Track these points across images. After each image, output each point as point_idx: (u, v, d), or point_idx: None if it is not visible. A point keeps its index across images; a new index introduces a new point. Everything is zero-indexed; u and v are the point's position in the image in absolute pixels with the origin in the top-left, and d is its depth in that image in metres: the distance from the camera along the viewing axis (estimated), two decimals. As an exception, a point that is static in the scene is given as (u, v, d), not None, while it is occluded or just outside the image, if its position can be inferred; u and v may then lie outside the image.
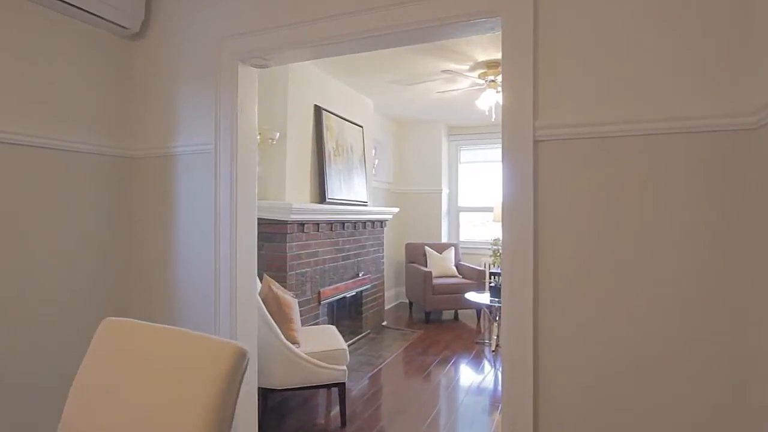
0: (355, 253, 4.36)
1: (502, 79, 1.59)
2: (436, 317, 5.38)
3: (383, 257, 5.04)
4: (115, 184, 2.37)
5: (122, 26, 2.28)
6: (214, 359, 0.92)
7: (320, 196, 3.87)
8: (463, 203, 6.59)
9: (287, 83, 3.50)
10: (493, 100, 3.83)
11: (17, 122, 1.94)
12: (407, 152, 6.40)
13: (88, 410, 1.01)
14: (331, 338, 2.77)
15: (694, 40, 1.36)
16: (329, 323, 4.10)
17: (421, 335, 4.65)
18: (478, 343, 4.41)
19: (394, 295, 6.14)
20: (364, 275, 4.51)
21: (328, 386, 2.59)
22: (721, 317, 1.32)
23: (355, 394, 3.17)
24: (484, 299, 4.29)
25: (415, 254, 5.69)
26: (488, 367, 3.83)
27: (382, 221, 4.92)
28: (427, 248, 5.67)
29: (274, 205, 3.31)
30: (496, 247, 5.12)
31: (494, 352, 4.13)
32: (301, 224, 3.46)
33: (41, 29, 2.02)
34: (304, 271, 3.52)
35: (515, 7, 1.56)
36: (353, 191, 4.35)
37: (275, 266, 3.35)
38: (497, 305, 4.11)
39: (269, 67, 2.21)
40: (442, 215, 6.29)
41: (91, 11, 2.09)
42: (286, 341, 2.49)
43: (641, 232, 1.41)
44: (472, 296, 4.44)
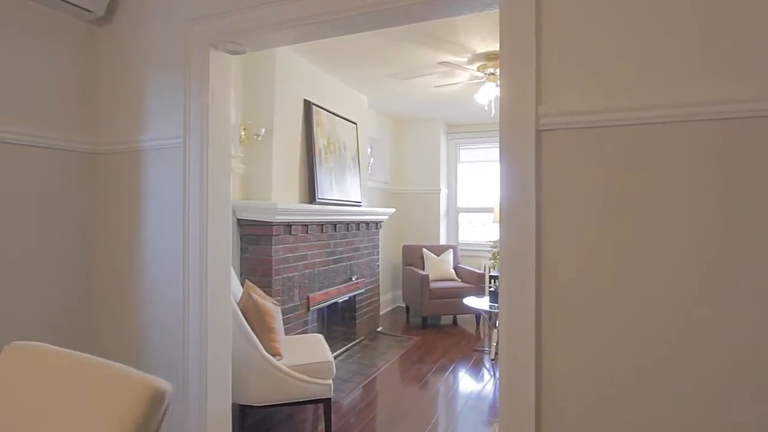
0: (347, 256, 4.15)
1: (500, 60, 1.38)
2: (433, 322, 5.16)
3: (378, 260, 4.83)
4: (78, 182, 2.17)
5: (86, 9, 2.08)
6: (125, 402, 0.72)
7: (310, 196, 3.66)
8: (462, 204, 6.38)
9: (274, 76, 3.30)
10: (492, 93, 3.61)
11: (-42, 112, 1.74)
12: (404, 151, 6.19)
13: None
14: (317, 349, 2.56)
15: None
16: (319, 331, 3.90)
17: (417, 342, 4.43)
18: (477, 350, 4.19)
19: (390, 299, 5.93)
20: (357, 279, 4.30)
21: (312, 402, 2.38)
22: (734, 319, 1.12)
23: (346, 405, 2.96)
24: (483, 304, 4.08)
25: (412, 257, 5.48)
26: (487, 376, 3.62)
27: (377, 222, 4.72)
28: (424, 250, 5.46)
29: (258, 205, 3.10)
30: (496, 249, 4.92)
31: (494, 360, 3.92)
32: (288, 226, 3.25)
33: (-11, 10, 1.83)
34: (291, 275, 3.31)
35: (515, -24, 1.35)
36: (346, 191, 4.14)
37: (260, 270, 3.15)
38: (497, 311, 3.90)
39: (244, 52, 2.01)
40: (440, 216, 6.08)
41: (47, -9, 1.90)
42: (265, 353, 2.29)
43: (662, 228, 1.20)
44: (470, 301, 4.23)
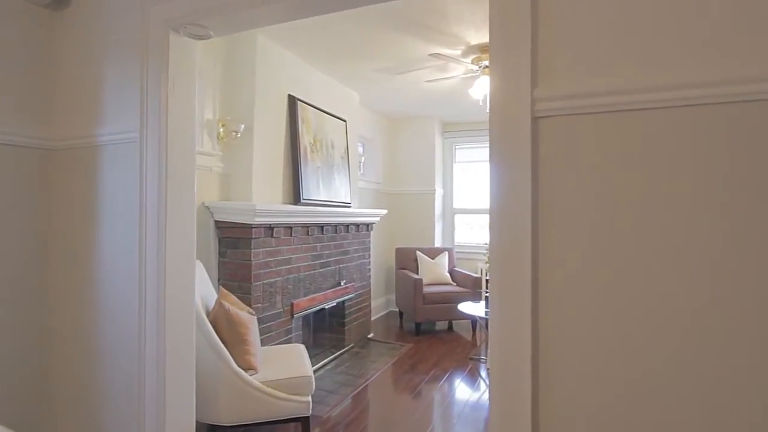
0: (336, 259, 3.95)
1: (490, 34, 1.18)
2: (428, 328, 4.96)
3: (370, 263, 4.63)
4: (30, 182, 1.96)
5: (37, -10, 1.89)
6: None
7: (294, 196, 3.46)
8: (458, 205, 6.18)
9: (254, 69, 3.10)
10: (487, 88, 3.41)
11: None
12: (398, 150, 6.00)
13: None
14: (295, 362, 2.36)
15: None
16: (305, 339, 3.69)
17: (409, 350, 4.23)
18: (472, 359, 3.99)
19: (384, 303, 5.73)
20: (346, 284, 4.10)
21: (288, 421, 2.18)
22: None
23: (332, 419, 2.76)
24: (479, 310, 3.88)
25: (405, 260, 5.28)
26: (483, 386, 3.42)
27: (368, 224, 4.52)
28: (418, 253, 5.26)
29: (236, 206, 2.90)
30: (491, 253, 4.72)
31: (490, 369, 3.71)
32: (269, 228, 3.05)
33: None
34: (273, 280, 3.11)
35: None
36: (334, 191, 3.95)
37: (239, 276, 2.95)
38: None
39: (209, 37, 1.81)
40: (435, 217, 5.88)
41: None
42: (236, 368, 2.09)
43: (676, 223, 1.01)
44: (465, 307, 4.03)
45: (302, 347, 2.64)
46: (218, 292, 2.59)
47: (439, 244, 5.93)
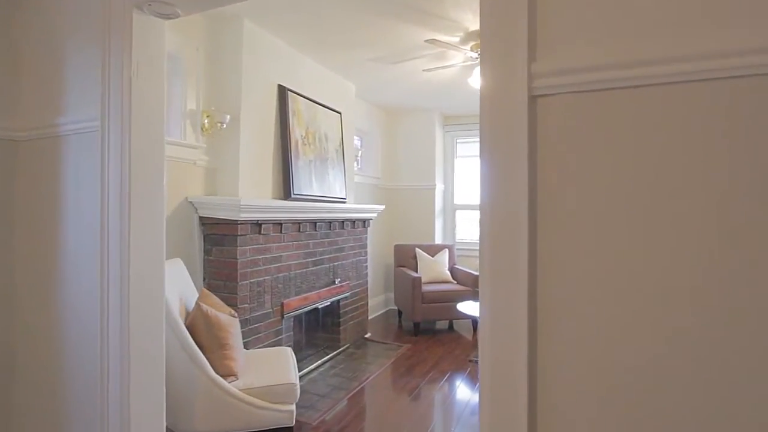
0: (330, 257, 3.80)
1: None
2: (427, 327, 4.81)
3: (367, 261, 4.48)
4: (-13, 173, 1.82)
5: (-7, -33, 1.74)
6: None
7: (285, 191, 3.31)
8: (459, 200, 6.01)
9: (240, 56, 2.94)
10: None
11: None
12: (397, 144, 5.82)
13: None
14: (280, 368, 2.21)
15: None
16: (296, 340, 3.55)
17: (407, 350, 4.08)
18: (472, 361, 3.83)
19: (383, 301, 5.58)
20: (341, 282, 3.95)
21: (272, 431, 2.04)
22: None
23: (323, 427, 2.61)
24: (479, 310, 3.71)
25: (404, 257, 5.12)
26: (482, 390, 3.26)
27: (364, 220, 4.36)
28: (418, 250, 5.10)
29: (220, 201, 2.76)
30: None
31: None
32: (257, 224, 2.90)
33: None
34: (261, 279, 2.96)
35: None
36: (328, 186, 3.79)
37: (224, 274, 2.80)
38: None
39: (177, 16, 1.65)
40: (435, 214, 5.71)
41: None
42: (213, 375, 1.94)
43: (709, 222, 0.84)
44: (465, 307, 3.87)
45: (289, 351, 2.50)
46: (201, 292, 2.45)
47: (439, 240, 5.77)
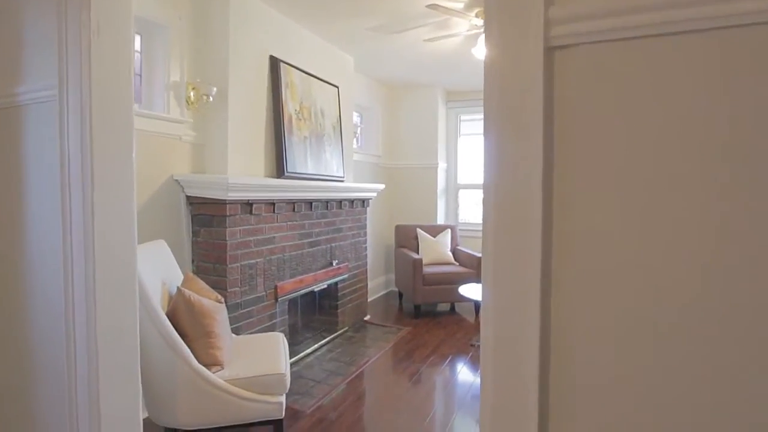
0: (327, 238, 3.66)
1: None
2: (428, 309, 4.69)
3: (366, 242, 4.33)
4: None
5: None
6: None
7: (278, 169, 3.14)
8: (463, 180, 5.82)
9: (228, 24, 2.73)
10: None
11: None
12: (398, 121, 5.61)
13: None
14: (269, 356, 2.09)
15: None
16: (291, 324, 3.44)
17: (407, 334, 3.97)
18: (474, 345, 3.72)
19: (383, 282, 5.46)
20: (339, 264, 3.82)
21: (258, 424, 1.93)
22: None
23: (317, 415, 2.51)
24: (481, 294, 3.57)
25: (405, 238, 4.97)
26: (484, 376, 3.16)
27: (363, 200, 4.20)
28: (419, 231, 4.95)
29: (206, 180, 2.60)
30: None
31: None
32: (247, 204, 2.74)
33: None
34: (253, 262, 2.83)
35: None
36: (324, 164, 3.61)
37: (213, 257, 2.67)
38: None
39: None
40: (438, 193, 5.53)
41: None
42: (196, 365, 1.82)
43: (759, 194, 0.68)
44: (467, 290, 3.74)
45: (280, 337, 2.37)
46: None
47: (441, 221, 5.61)
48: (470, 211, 5.83)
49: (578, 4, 0.76)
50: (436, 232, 5.00)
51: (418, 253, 4.73)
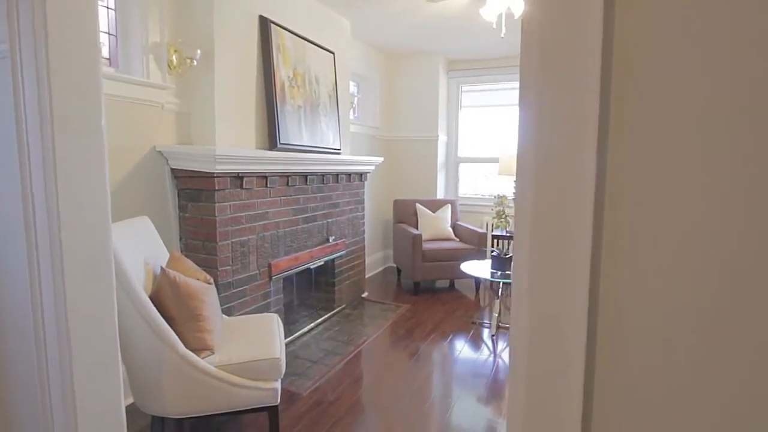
0: (323, 213, 3.50)
1: None
2: (428, 285, 4.59)
3: (363, 217, 4.18)
4: None
5: None
6: None
7: (270, 140, 2.95)
8: (464, 153, 5.63)
9: (212, -21, 2.49)
10: (503, 4, 2.75)
11: None
12: (397, 91, 5.37)
13: None
14: (262, 339, 1.97)
15: None
16: (287, 302, 3.32)
17: (406, 311, 3.87)
18: (475, 323, 3.63)
19: (381, 258, 5.34)
20: (336, 240, 3.67)
21: (251, 411, 1.81)
22: None
23: (314, 398, 2.42)
24: (484, 271, 3.46)
25: (404, 213, 4.82)
26: (487, 352, 3.08)
27: (361, 173, 4.02)
28: (418, 206, 4.80)
29: (192, 151, 2.41)
30: (499, 207, 4.24)
31: (495, 335, 3.35)
32: (238, 177, 2.57)
33: None
34: (244, 238, 2.67)
35: None
36: (319, 135, 3.42)
37: (202, 234, 2.51)
38: (500, 280, 3.29)
39: None
40: (438, 167, 5.36)
41: None
42: (183, 351, 1.69)
43: None
44: (469, 267, 3.62)
45: (275, 318, 2.24)
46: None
47: (441, 195, 5.45)
48: (470, 185, 5.67)
49: None
50: (435, 206, 4.85)
51: (417, 228, 4.59)
